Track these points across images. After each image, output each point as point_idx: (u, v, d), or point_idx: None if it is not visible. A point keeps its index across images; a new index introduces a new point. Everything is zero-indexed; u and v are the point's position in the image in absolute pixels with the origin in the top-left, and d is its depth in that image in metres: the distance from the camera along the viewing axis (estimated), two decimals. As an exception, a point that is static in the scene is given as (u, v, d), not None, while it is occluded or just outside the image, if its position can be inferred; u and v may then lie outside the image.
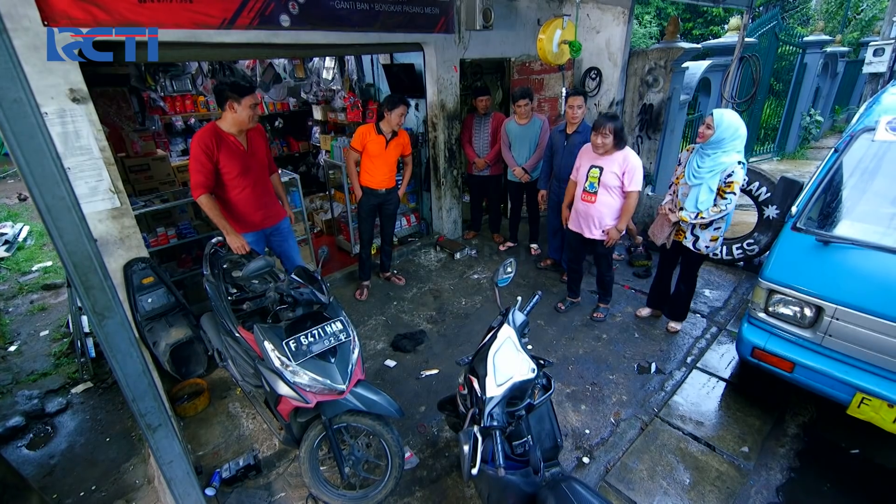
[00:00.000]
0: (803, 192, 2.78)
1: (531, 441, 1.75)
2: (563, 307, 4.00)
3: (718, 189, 2.92)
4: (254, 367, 2.27)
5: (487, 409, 1.54)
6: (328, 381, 2.02)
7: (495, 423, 1.52)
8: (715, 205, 2.94)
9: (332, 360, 2.09)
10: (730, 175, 2.86)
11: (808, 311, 2.47)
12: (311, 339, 2.09)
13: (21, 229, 6.44)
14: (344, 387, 2.04)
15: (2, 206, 7.67)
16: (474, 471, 1.46)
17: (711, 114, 2.82)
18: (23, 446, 2.85)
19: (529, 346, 3.48)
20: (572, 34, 4.08)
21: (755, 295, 2.69)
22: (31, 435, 2.93)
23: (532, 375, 1.67)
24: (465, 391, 1.86)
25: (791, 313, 2.54)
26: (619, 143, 3.19)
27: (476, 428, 1.53)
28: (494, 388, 1.61)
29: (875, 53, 8.58)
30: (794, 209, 2.74)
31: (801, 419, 2.85)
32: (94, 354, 3.48)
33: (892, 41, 8.10)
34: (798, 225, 2.62)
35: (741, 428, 2.79)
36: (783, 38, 8.11)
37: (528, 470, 1.71)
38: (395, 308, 4.14)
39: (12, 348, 3.88)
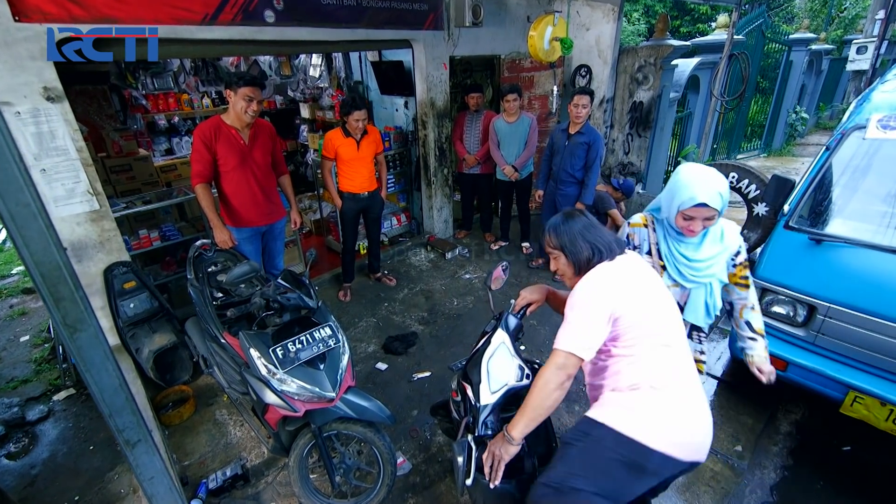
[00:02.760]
0: (795, 191, 2.78)
1: (526, 447, 1.71)
2: None
3: (728, 276, 1.90)
4: (240, 375, 2.20)
5: (482, 418, 1.50)
6: (317, 389, 1.96)
7: (490, 433, 1.48)
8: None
9: (321, 367, 2.03)
10: (737, 254, 1.87)
11: (800, 310, 2.46)
12: (299, 346, 2.02)
13: (-1, 231, 6.27)
14: (333, 394, 1.98)
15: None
16: (468, 482, 1.42)
17: (704, 204, 1.66)
18: (2, 456, 2.75)
19: (522, 347, 3.46)
20: (563, 31, 4.05)
21: (748, 293, 2.68)
22: (11, 444, 2.83)
23: (527, 381, 1.63)
24: (459, 398, 1.82)
25: (784, 312, 2.53)
26: None
27: (470, 437, 1.49)
28: (489, 395, 1.56)
29: (858, 51, 8.69)
30: (786, 207, 2.74)
31: (794, 417, 2.85)
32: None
33: (875, 39, 8.19)
34: (790, 223, 2.61)
35: (734, 427, 2.78)
36: (770, 35, 8.16)
37: (522, 477, 1.68)
38: (385, 309, 4.09)
39: (-10, 355, 3.76)
